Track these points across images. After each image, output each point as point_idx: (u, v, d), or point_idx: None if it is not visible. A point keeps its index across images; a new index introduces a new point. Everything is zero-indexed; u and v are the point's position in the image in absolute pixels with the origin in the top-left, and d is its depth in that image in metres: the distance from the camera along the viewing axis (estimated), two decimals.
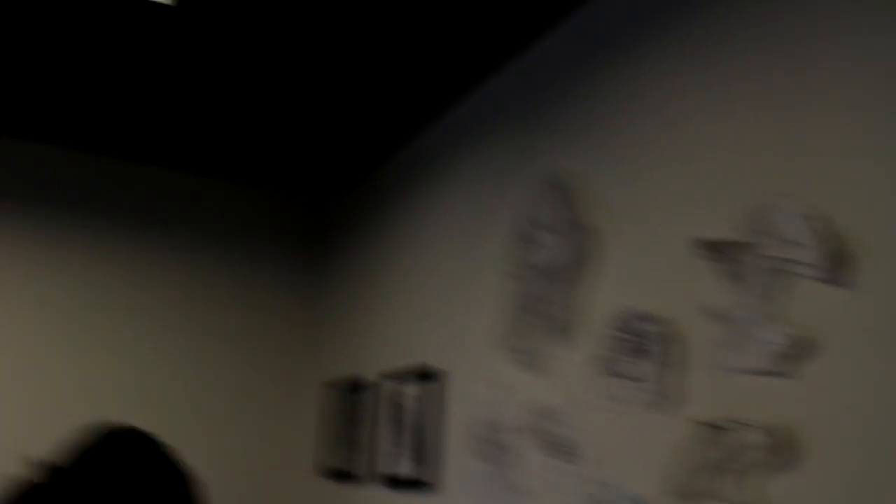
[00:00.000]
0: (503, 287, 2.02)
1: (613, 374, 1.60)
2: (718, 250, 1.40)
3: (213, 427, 3.04)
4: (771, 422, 1.24)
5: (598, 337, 1.66)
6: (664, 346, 1.47)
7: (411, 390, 2.37)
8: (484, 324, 2.09)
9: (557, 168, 1.91)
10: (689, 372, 1.43)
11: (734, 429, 1.30)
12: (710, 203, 1.46)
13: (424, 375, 2.30)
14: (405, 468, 2.31)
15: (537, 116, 2.06)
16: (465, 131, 2.43)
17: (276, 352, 3.24)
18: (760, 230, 1.32)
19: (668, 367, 1.46)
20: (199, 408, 3.04)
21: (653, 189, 1.61)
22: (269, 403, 3.18)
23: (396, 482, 2.36)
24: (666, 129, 1.61)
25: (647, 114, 1.67)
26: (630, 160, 1.70)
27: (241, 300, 3.23)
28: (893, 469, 1.08)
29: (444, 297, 2.34)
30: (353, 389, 2.76)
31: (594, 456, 1.62)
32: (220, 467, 2.94)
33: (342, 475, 2.74)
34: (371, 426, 2.63)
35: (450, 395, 2.21)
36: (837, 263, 1.19)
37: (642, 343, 1.53)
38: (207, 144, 2.96)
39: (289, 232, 3.40)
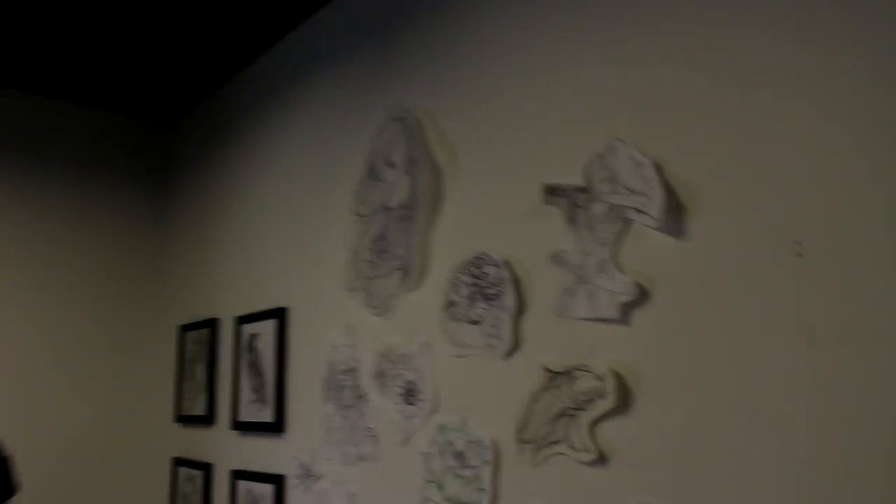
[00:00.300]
0: (354, 226, 1.96)
1: (461, 319, 1.60)
2: (562, 196, 1.40)
3: (60, 369, 2.81)
4: (608, 368, 1.28)
5: (445, 281, 1.65)
6: (511, 292, 1.49)
7: (264, 333, 2.32)
8: (336, 265, 2.04)
9: (408, 103, 1.85)
10: (534, 318, 1.46)
11: (574, 375, 1.34)
12: (560, 148, 1.46)
13: (277, 318, 2.26)
14: (258, 412, 2.29)
15: (390, 46, 1.98)
16: (317, 54, 2.29)
17: (129, 290, 3.01)
18: (603, 177, 1.33)
19: (514, 312, 1.48)
20: (42, 348, 2.79)
21: (503, 131, 1.60)
22: (123, 345, 2.97)
23: (250, 426, 2.32)
24: (518, 71, 1.59)
25: (499, 54, 1.64)
26: (481, 100, 1.67)
27: (85, 232, 2.94)
28: (713, 412, 1.15)
29: (298, 235, 2.26)
30: (209, 332, 2.65)
31: (442, 400, 1.64)
32: (71, 414, 2.81)
33: (198, 420, 2.65)
34: (225, 370, 2.56)
35: (301, 338, 2.18)
36: (672, 213, 1.22)
37: (489, 288, 1.54)
38: (41, 61, 2.65)
39: (134, 158, 3.12)
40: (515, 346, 1.49)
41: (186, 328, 2.84)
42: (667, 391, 1.22)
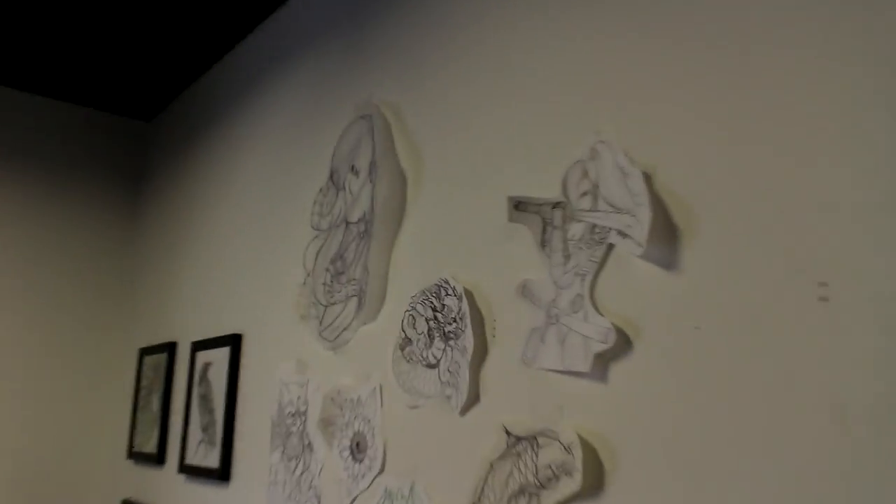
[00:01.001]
0: (313, 243, 1.77)
1: (416, 361, 1.40)
2: (533, 212, 1.19)
3: (14, 390, 2.64)
4: (577, 437, 1.05)
5: (403, 312, 1.46)
6: (470, 331, 1.27)
7: (217, 362, 2.13)
8: (291, 289, 1.85)
9: (377, 99, 1.67)
10: (496, 365, 1.24)
11: (539, 442, 1.11)
12: (537, 153, 1.25)
13: (231, 345, 2.07)
14: (205, 455, 2.10)
15: (360, 36, 1.80)
16: (285, 47, 2.14)
17: (92, 307, 2.86)
18: (584, 190, 1.12)
19: (473, 357, 1.26)
20: None
21: (473, 131, 1.40)
22: (82, 366, 2.80)
23: (196, 471, 2.13)
24: (493, 62, 1.40)
25: (472, 42, 1.45)
26: (451, 96, 1.48)
27: (51, 238, 2.80)
28: (705, 499, 0.92)
29: (258, 251, 2.09)
30: (167, 357, 2.47)
31: (390, 459, 1.43)
32: (21, 441, 2.63)
33: (149, 458, 2.45)
34: (179, 402, 2.38)
35: (254, 370, 1.99)
36: (662, 237, 1.01)
37: (448, 324, 1.33)
38: (9, 50, 2.55)
39: (108, 158, 2.99)
40: (474, 398, 1.27)
41: (146, 351, 2.67)
42: (647, 471, 0.99)
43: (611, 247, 1.08)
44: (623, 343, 1.04)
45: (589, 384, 1.08)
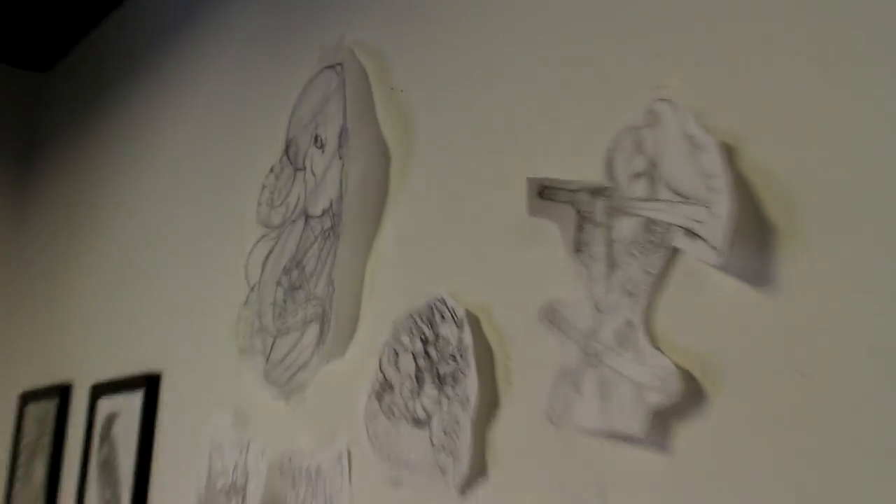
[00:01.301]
0: (260, 246, 1.83)
1: (399, 415, 1.42)
2: (564, 201, 1.20)
3: None
4: None
5: (381, 345, 1.49)
6: (475, 374, 1.29)
7: (126, 413, 2.20)
8: (228, 311, 1.90)
9: (351, 40, 1.73)
10: (511, 422, 1.26)
11: None
12: (572, 119, 1.28)
13: (144, 389, 2.14)
14: None
15: None
16: None
17: None
18: (638, 169, 1.13)
19: (478, 411, 1.28)
20: None
21: (486, 95, 1.45)
22: None
23: None
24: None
25: None
26: (457, 44, 1.53)
27: None
28: None
29: (189, 258, 2.15)
30: (57, 406, 2.54)
31: None
32: None
33: None
34: (72, 470, 2.43)
35: (176, 424, 2.06)
36: (750, 239, 1.01)
37: (444, 363, 1.35)
38: None
39: None
40: (479, 470, 1.29)
41: (28, 398, 2.76)
42: None
43: (675, 252, 1.08)
44: (693, 394, 1.04)
45: (643, 454, 1.08)
